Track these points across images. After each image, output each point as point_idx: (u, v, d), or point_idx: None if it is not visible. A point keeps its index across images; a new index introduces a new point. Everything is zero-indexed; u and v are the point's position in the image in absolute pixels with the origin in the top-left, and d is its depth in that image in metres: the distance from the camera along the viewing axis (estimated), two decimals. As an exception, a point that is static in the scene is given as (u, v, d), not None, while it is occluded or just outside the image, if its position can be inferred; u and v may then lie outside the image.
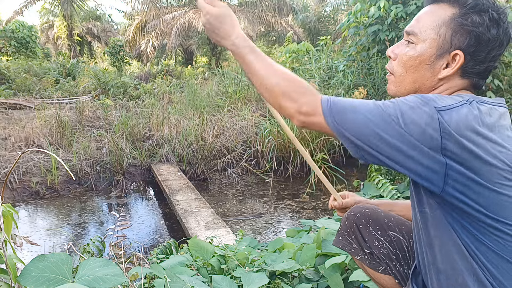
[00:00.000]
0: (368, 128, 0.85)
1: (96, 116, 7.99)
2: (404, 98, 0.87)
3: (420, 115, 0.82)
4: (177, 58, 24.17)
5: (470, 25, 0.92)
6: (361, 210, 1.31)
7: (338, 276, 1.66)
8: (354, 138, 0.87)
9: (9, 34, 18.94)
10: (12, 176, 5.24)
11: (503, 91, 5.89)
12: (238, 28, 1.05)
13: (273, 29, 19.20)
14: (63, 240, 4.03)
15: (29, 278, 0.98)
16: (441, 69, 0.96)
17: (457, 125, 0.81)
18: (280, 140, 6.02)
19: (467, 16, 0.92)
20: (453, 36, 0.93)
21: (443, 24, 0.95)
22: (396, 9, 6.10)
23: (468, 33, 0.92)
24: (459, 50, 0.93)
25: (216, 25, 1.06)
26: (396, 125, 0.83)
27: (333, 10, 20.08)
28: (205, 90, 9.38)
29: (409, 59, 0.99)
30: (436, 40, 0.95)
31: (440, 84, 0.98)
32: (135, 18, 19.55)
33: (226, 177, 5.94)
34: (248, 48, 1.02)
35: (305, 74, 8.35)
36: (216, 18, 1.05)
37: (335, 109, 0.89)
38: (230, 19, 1.06)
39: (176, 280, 1.44)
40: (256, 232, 4.04)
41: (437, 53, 0.95)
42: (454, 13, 0.94)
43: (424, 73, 0.98)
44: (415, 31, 0.99)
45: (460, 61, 0.93)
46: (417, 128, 0.82)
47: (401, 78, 1.02)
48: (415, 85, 1.00)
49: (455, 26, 0.93)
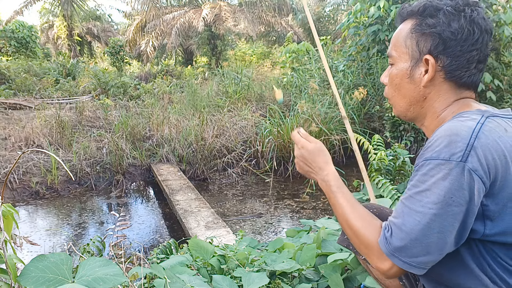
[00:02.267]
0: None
1: (96, 116, 7.99)
2: None
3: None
4: (177, 58, 24.16)
5: (427, 28, 0.96)
6: (369, 210, 1.31)
7: (338, 276, 1.66)
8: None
9: (9, 34, 18.94)
10: (12, 176, 5.24)
11: (503, 91, 5.89)
12: (331, 166, 1.11)
13: (273, 29, 19.21)
14: (63, 240, 4.03)
15: (29, 278, 0.98)
16: (422, 77, 0.99)
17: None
18: (280, 140, 6.02)
19: (422, 22, 0.97)
20: (419, 43, 0.98)
21: (407, 37, 1.00)
22: (396, 9, 6.10)
23: (430, 36, 0.96)
24: (428, 55, 0.96)
25: (310, 159, 1.12)
26: None
27: (333, 10, 20.09)
28: (205, 90, 9.38)
29: (393, 78, 1.05)
30: (406, 53, 1.01)
31: (428, 92, 0.99)
32: (135, 18, 19.55)
33: (226, 177, 5.94)
34: (336, 187, 1.06)
35: (305, 74, 8.35)
36: (311, 152, 1.12)
37: (396, 246, 0.88)
38: (323, 154, 1.12)
39: (176, 280, 1.44)
40: (256, 232, 4.04)
41: (412, 64, 1.00)
42: (412, 23, 1.00)
43: (408, 87, 1.02)
44: (391, 52, 1.05)
45: (432, 63, 0.96)
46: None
47: (394, 99, 1.07)
48: (406, 100, 1.04)
49: (416, 34, 0.98)
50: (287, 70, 9.79)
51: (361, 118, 6.64)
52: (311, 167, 1.11)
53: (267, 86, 9.36)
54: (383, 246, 0.90)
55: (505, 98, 5.86)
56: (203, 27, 15.60)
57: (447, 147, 0.84)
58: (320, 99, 6.72)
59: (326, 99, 6.68)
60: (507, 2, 6.00)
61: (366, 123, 6.71)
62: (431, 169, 0.85)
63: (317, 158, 1.11)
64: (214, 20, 15.77)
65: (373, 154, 3.69)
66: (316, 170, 1.10)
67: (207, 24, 15.94)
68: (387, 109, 6.02)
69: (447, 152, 0.83)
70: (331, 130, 6.08)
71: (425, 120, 1.04)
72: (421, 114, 1.03)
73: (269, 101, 8.08)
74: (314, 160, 1.11)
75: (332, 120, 6.26)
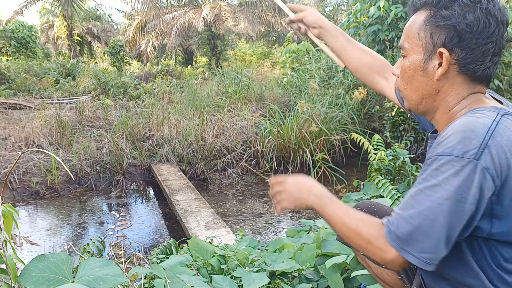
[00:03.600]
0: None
1: (96, 116, 7.98)
2: None
3: None
4: (177, 58, 24.16)
5: (441, 20, 0.93)
6: (367, 206, 1.31)
7: (338, 276, 1.66)
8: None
9: (9, 34, 18.94)
10: (12, 176, 5.24)
11: (503, 91, 5.89)
12: (316, 182, 1.11)
13: (273, 29, 19.19)
14: (63, 240, 4.03)
15: (29, 278, 0.98)
16: (435, 71, 0.96)
17: None
18: (280, 140, 6.02)
19: (436, 13, 0.94)
20: (432, 35, 0.95)
21: (420, 28, 0.97)
22: (396, 9, 6.10)
23: (444, 28, 0.93)
24: (442, 47, 0.93)
25: (294, 185, 1.13)
26: None
27: (333, 10, 20.10)
28: (205, 90, 9.37)
29: (405, 71, 1.02)
30: (420, 45, 0.97)
31: (441, 86, 0.97)
32: (135, 18, 19.55)
33: (226, 177, 5.94)
34: (328, 197, 1.06)
35: (305, 74, 8.35)
36: (293, 180, 1.14)
37: (402, 238, 0.87)
38: (302, 177, 1.15)
39: (176, 280, 1.44)
40: (256, 232, 4.04)
41: (425, 57, 0.97)
42: (426, 15, 0.96)
43: (421, 80, 0.99)
44: (403, 44, 1.02)
45: (447, 57, 0.93)
46: None
47: (406, 91, 1.04)
48: (419, 94, 1.01)
49: (430, 26, 0.95)
50: (287, 70, 9.79)
51: (361, 118, 6.64)
52: (300, 191, 1.11)
53: (267, 86, 9.36)
54: (389, 238, 0.89)
55: (505, 98, 5.85)
56: (203, 27, 15.59)
57: (460, 143, 0.83)
58: (320, 99, 6.72)
59: (326, 99, 6.68)
60: (507, 2, 6.00)
61: (366, 123, 6.70)
62: (443, 164, 0.84)
63: (301, 181, 1.12)
64: (214, 20, 15.76)
65: (373, 154, 3.69)
66: (305, 191, 1.10)
67: (207, 24, 15.93)
68: (387, 109, 6.02)
69: (461, 149, 0.82)
70: (331, 130, 6.08)
71: (436, 114, 1.02)
72: (433, 107, 1.01)
73: (269, 101, 8.08)
74: (299, 183, 1.12)
75: (332, 120, 6.26)
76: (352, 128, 6.29)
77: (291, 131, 5.97)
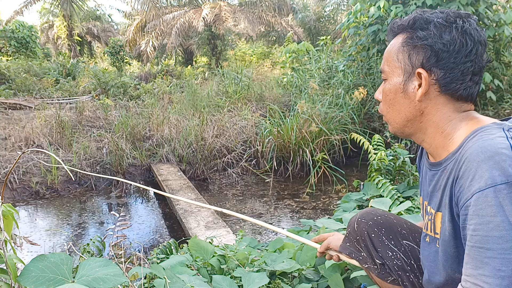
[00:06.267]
0: None
1: (96, 116, 7.98)
2: None
3: None
4: (177, 58, 24.16)
5: (418, 41, 0.94)
6: (373, 218, 1.28)
7: (338, 276, 1.66)
8: None
9: (9, 34, 18.93)
10: (12, 176, 5.24)
11: (503, 91, 5.89)
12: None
13: (273, 29, 19.20)
14: (63, 240, 4.03)
15: (29, 278, 0.98)
16: (416, 92, 0.96)
17: None
18: (280, 140, 6.02)
19: (413, 35, 0.95)
20: (411, 57, 0.96)
21: (398, 50, 0.99)
22: (396, 9, 6.10)
23: (421, 49, 0.94)
24: (420, 68, 0.94)
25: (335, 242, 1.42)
26: None
27: (333, 10, 20.10)
28: (205, 90, 9.37)
29: (387, 94, 1.02)
30: (399, 67, 0.98)
31: (424, 107, 0.97)
32: (135, 18, 19.56)
33: (226, 177, 5.94)
34: None
35: (305, 74, 8.35)
36: (332, 236, 1.45)
37: None
38: (337, 233, 1.47)
39: (176, 280, 1.44)
40: (256, 232, 4.04)
41: (405, 79, 0.98)
42: (404, 37, 0.98)
43: (402, 102, 0.99)
44: (383, 67, 1.03)
45: (425, 77, 0.93)
46: None
47: (389, 115, 1.04)
48: (402, 116, 1.01)
49: (408, 47, 0.96)
50: (287, 70, 9.79)
51: (361, 118, 6.64)
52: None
53: (267, 86, 9.36)
54: None
55: (505, 98, 5.86)
56: (203, 27, 15.60)
57: (496, 169, 0.78)
58: (320, 99, 6.72)
59: (326, 99, 6.68)
60: (507, 2, 6.00)
61: (366, 123, 6.70)
62: (493, 198, 0.78)
63: (336, 237, 1.43)
64: (214, 20, 15.77)
65: (373, 154, 3.69)
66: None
67: (207, 24, 15.94)
68: (387, 109, 6.01)
69: (501, 175, 0.78)
70: (331, 130, 6.08)
71: (426, 136, 1.00)
72: (420, 129, 1.00)
73: (269, 101, 8.08)
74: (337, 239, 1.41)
75: (332, 120, 6.26)
76: (352, 128, 6.30)
77: (291, 131, 5.96)
